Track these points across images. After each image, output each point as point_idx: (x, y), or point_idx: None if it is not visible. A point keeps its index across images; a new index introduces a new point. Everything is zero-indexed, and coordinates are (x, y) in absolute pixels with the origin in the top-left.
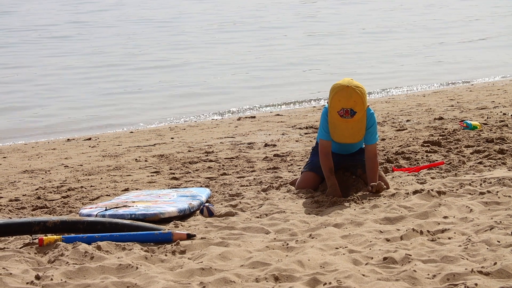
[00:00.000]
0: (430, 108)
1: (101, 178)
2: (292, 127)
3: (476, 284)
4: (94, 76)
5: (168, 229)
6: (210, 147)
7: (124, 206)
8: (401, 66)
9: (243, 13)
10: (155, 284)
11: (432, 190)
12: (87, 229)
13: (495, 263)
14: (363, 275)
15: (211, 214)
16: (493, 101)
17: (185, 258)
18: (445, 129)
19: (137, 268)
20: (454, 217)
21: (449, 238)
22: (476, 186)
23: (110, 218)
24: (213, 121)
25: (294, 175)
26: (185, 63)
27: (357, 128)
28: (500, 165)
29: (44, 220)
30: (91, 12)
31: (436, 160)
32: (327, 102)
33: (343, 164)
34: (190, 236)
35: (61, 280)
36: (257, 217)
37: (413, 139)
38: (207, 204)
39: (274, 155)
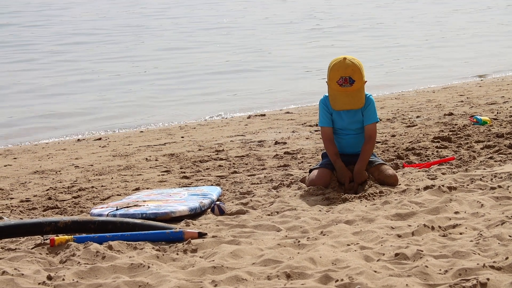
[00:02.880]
0: (440, 104)
1: (112, 178)
2: (302, 124)
3: (488, 279)
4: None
5: (180, 228)
6: (221, 146)
7: (135, 205)
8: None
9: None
10: (167, 283)
11: (443, 185)
12: (98, 229)
13: (506, 258)
14: (375, 271)
15: (222, 212)
16: (503, 96)
17: (197, 257)
18: (455, 124)
19: (148, 267)
20: (465, 212)
21: (461, 234)
22: (487, 181)
23: (121, 217)
24: (223, 119)
25: (305, 172)
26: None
27: (357, 97)
28: (510, 159)
29: (55, 220)
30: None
31: (447, 156)
32: (326, 81)
33: (354, 161)
34: (201, 235)
35: (73, 280)
36: (268, 214)
37: (423, 135)
38: (218, 202)
39: (285, 153)
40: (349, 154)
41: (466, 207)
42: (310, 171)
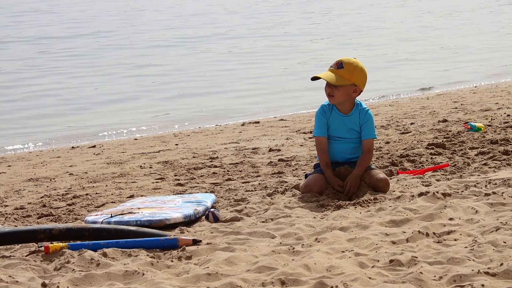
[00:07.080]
0: (434, 111)
1: (106, 185)
2: (296, 131)
3: (482, 285)
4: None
5: (174, 235)
6: (215, 153)
7: (129, 212)
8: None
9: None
10: None
11: (437, 192)
12: (92, 236)
13: (501, 264)
14: (370, 278)
15: (216, 219)
16: (497, 103)
17: (191, 264)
18: (449, 131)
19: (143, 274)
20: (459, 218)
21: (455, 240)
22: (481, 188)
23: (115, 225)
24: (217, 127)
25: (299, 179)
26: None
27: (335, 79)
28: (505, 166)
29: (49, 227)
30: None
31: (441, 162)
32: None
33: (348, 169)
34: (196, 242)
35: (68, 287)
36: (263, 221)
37: (417, 141)
38: (212, 209)
39: (279, 160)
40: (340, 162)
41: (461, 213)
42: (306, 177)
